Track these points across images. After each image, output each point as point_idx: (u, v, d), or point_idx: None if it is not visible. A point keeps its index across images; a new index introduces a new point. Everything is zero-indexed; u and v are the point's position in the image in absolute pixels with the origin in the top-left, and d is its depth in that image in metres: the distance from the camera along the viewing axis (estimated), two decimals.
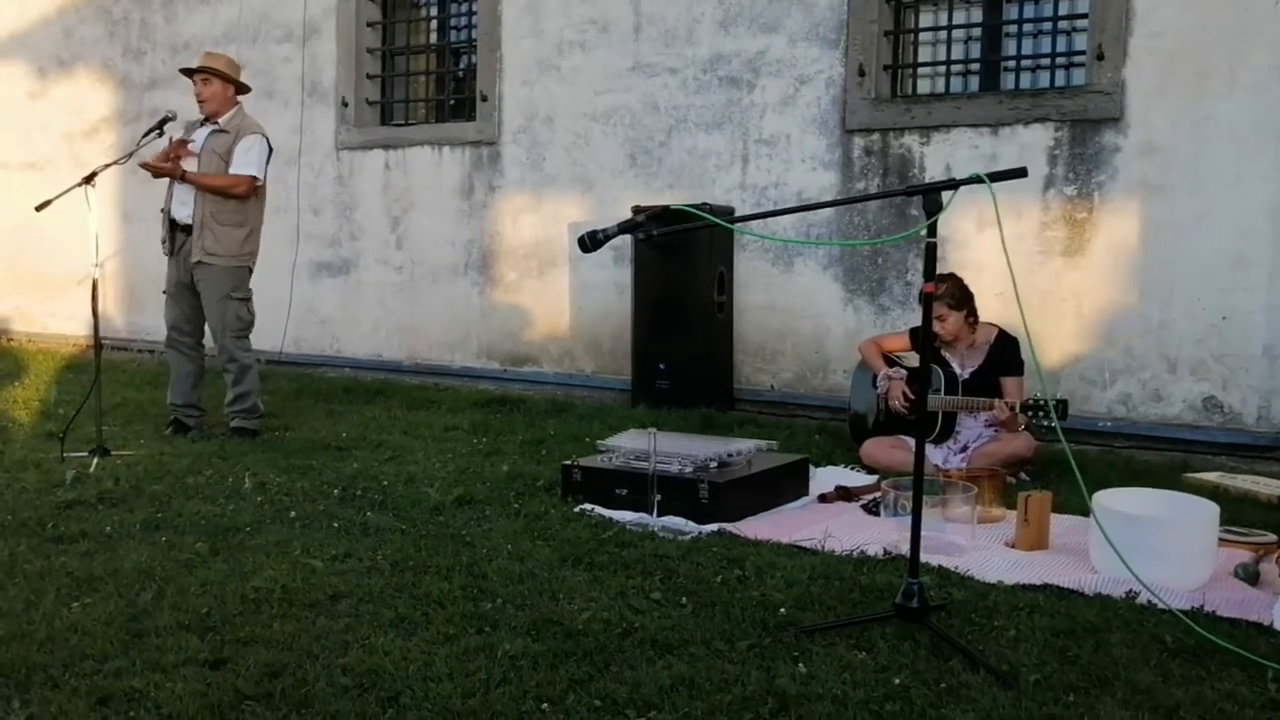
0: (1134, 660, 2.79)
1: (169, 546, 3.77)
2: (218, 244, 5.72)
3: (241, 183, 5.76)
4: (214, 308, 5.79)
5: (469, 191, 7.94)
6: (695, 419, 6.14)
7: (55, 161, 9.88)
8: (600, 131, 7.36)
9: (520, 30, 7.66)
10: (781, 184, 6.76)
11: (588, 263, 7.39)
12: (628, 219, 3.33)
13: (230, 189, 5.74)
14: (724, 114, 6.92)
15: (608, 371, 7.41)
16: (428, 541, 3.83)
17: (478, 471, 4.95)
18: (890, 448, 5.09)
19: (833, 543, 3.83)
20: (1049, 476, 4.88)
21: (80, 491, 4.51)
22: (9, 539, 3.84)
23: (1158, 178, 5.65)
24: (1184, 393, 5.67)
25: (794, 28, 6.68)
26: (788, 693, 2.58)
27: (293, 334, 8.49)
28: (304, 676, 2.69)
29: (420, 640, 2.92)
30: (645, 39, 7.18)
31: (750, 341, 6.91)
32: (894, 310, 6.42)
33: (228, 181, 5.74)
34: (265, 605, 3.18)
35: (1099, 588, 3.36)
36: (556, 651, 2.83)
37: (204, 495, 4.50)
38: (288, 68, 8.67)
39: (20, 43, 10.32)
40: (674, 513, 4.12)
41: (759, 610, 3.14)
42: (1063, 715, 2.50)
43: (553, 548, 3.76)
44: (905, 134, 6.38)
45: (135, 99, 9.59)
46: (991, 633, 3.00)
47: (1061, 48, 6.27)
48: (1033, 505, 3.87)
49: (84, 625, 3.01)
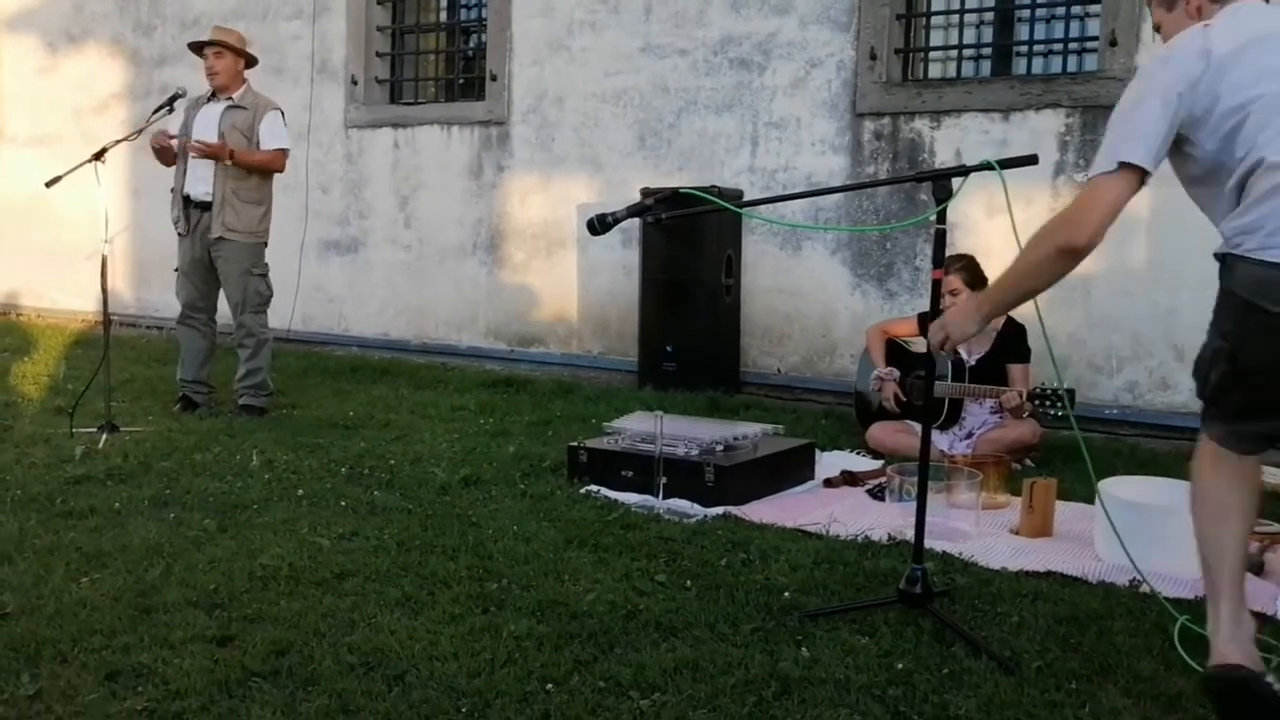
0: (1136, 648, 2.80)
1: (177, 523, 3.80)
2: (239, 220, 5.75)
3: (280, 158, 5.89)
4: (234, 283, 5.82)
5: (478, 171, 7.93)
6: (701, 402, 6.15)
7: (65, 137, 9.87)
8: (610, 113, 7.34)
9: (531, 9, 7.63)
10: (791, 167, 6.74)
11: (596, 244, 7.38)
12: (637, 202, 3.32)
13: (272, 164, 5.86)
14: (734, 96, 6.89)
15: (614, 353, 7.41)
16: (434, 521, 3.85)
17: (484, 452, 4.97)
18: (896, 433, 5.10)
19: (837, 527, 3.84)
20: (1054, 463, 4.88)
21: (89, 467, 4.54)
22: (18, 514, 3.86)
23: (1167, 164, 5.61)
24: (1191, 381, 5.64)
25: (805, 10, 6.64)
26: (791, 676, 2.59)
27: (301, 312, 8.50)
28: (310, 654, 2.71)
29: (426, 620, 2.94)
30: (656, 20, 7.15)
31: (757, 325, 6.91)
32: (902, 295, 6.41)
33: (269, 157, 5.84)
34: (272, 583, 3.20)
35: (1103, 575, 3.36)
36: (561, 633, 2.85)
37: (212, 472, 4.52)
38: (297, 45, 8.64)
39: (30, 17, 10.30)
40: (679, 495, 4.13)
41: (763, 594, 3.16)
42: (1064, 702, 2.51)
43: (558, 529, 3.77)
44: (916, 118, 6.35)
45: (145, 74, 9.57)
46: (995, 619, 3.01)
47: (1074, 33, 6.23)
48: (1038, 492, 3.87)
49: (92, 600, 3.03)
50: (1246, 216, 2.26)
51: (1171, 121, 2.38)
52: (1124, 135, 2.41)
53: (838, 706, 2.47)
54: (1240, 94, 2.32)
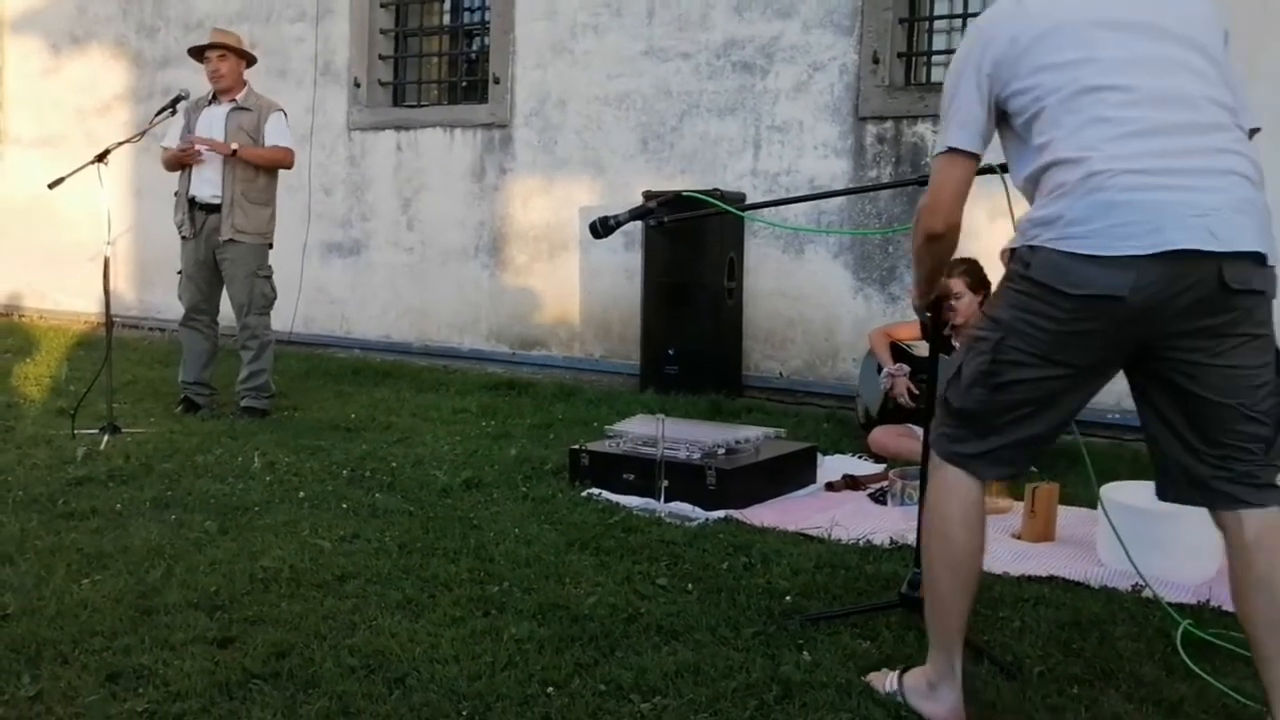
0: (1138, 653, 2.80)
1: (178, 525, 3.80)
2: (247, 221, 5.76)
3: (288, 155, 5.90)
4: (240, 285, 5.82)
5: (480, 174, 7.94)
6: (703, 405, 6.14)
7: (68, 138, 9.89)
8: (612, 116, 7.34)
9: (534, 13, 7.63)
10: (793, 170, 6.74)
11: (598, 247, 7.38)
12: (639, 205, 3.32)
13: (280, 161, 5.88)
14: (736, 100, 6.90)
15: (616, 356, 7.41)
16: (435, 524, 3.85)
17: (486, 454, 4.96)
18: (899, 437, 5.09)
19: (839, 531, 3.83)
20: (1057, 468, 4.87)
21: (91, 468, 4.54)
22: (20, 514, 3.86)
23: None
24: None
25: (808, 14, 6.65)
26: (792, 680, 2.59)
27: (303, 314, 8.50)
28: (311, 656, 2.70)
29: (427, 622, 2.93)
30: (659, 23, 7.15)
31: (760, 328, 6.90)
32: (904, 299, 6.40)
33: (277, 154, 5.86)
34: (273, 585, 3.20)
35: (1105, 580, 3.36)
36: (562, 636, 2.84)
37: (213, 474, 4.52)
38: (300, 47, 8.65)
39: (34, 18, 10.32)
40: (681, 499, 4.12)
41: (764, 598, 3.15)
42: (1066, 707, 2.50)
43: (560, 532, 3.77)
44: (918, 122, 6.35)
45: (148, 76, 9.59)
46: (996, 623, 3.00)
47: None
48: (1040, 497, 3.86)
49: (93, 602, 3.03)
50: (1043, 211, 2.22)
51: (985, 102, 2.34)
52: (948, 118, 2.39)
53: (839, 711, 2.46)
54: (1039, 83, 2.26)
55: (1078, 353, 2.23)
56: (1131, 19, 2.26)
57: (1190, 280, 2.11)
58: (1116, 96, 2.20)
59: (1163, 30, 2.25)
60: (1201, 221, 2.10)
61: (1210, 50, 2.27)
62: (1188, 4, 2.31)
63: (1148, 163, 2.15)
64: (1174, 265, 2.10)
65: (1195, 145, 2.18)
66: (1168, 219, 2.11)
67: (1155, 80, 2.21)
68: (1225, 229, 2.11)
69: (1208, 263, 2.10)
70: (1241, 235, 2.13)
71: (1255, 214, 2.18)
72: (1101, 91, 2.21)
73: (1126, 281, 2.11)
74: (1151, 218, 2.11)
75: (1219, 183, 2.16)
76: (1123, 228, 2.11)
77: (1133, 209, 2.12)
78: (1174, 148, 2.17)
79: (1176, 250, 2.09)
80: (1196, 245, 2.09)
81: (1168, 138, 2.17)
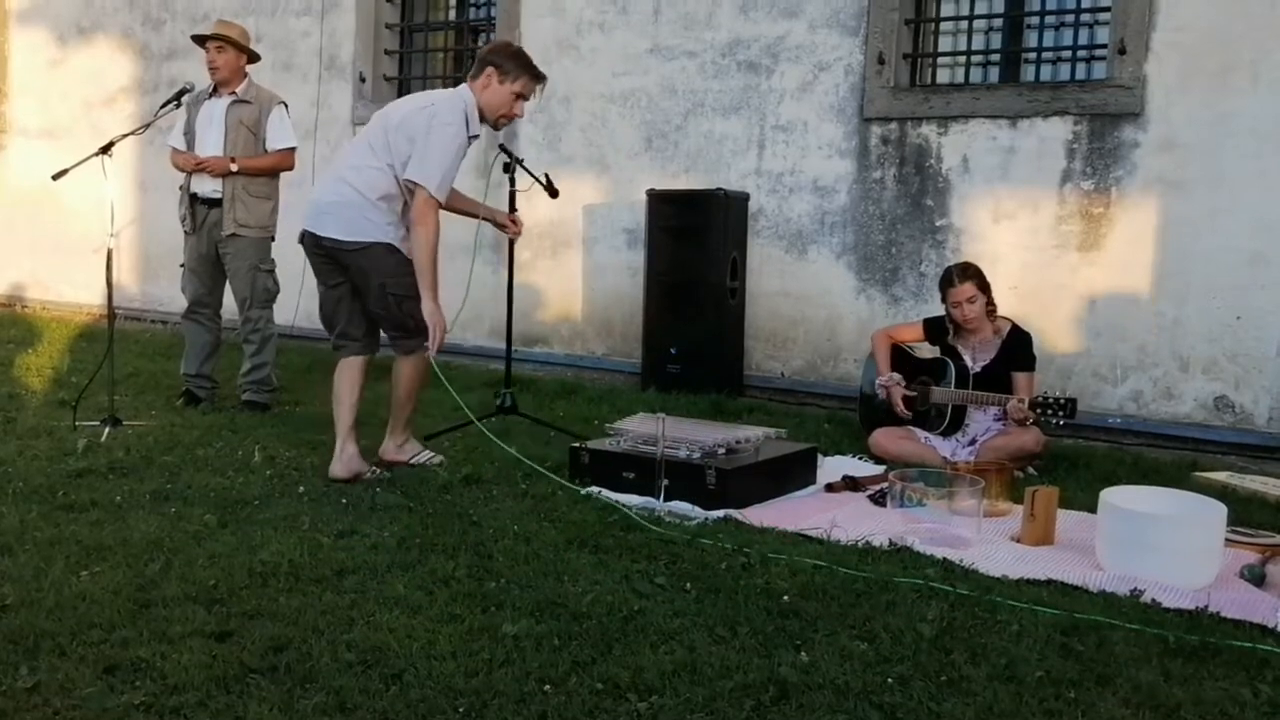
0: (1136, 658, 2.79)
1: (178, 518, 3.80)
2: (249, 215, 5.77)
3: (289, 157, 5.91)
4: (242, 278, 5.83)
5: (484, 170, 7.92)
6: (705, 404, 6.14)
7: (73, 130, 9.90)
8: (617, 113, 7.34)
9: (540, 9, 7.63)
10: (797, 170, 6.74)
11: (601, 245, 7.39)
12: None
13: (281, 165, 5.89)
14: (741, 99, 6.89)
15: (618, 354, 7.41)
16: (434, 520, 3.85)
17: (485, 451, 4.96)
18: (899, 439, 5.09)
19: (838, 532, 3.83)
20: (1057, 471, 4.87)
21: (91, 460, 4.54)
22: (20, 506, 3.86)
23: (1176, 174, 5.62)
24: (1195, 391, 5.65)
25: (814, 14, 6.64)
26: (789, 681, 2.59)
27: (305, 308, 8.48)
28: (309, 651, 2.70)
29: (425, 618, 2.93)
30: (664, 21, 7.15)
31: (762, 328, 6.90)
32: (907, 301, 6.41)
33: (277, 160, 5.88)
34: (272, 579, 3.20)
35: (1103, 584, 3.35)
36: (560, 634, 2.84)
37: (214, 467, 4.52)
38: (306, 41, 8.66)
39: (41, 10, 10.33)
40: (681, 498, 4.12)
41: (763, 598, 3.15)
42: (1063, 711, 2.50)
43: (559, 529, 3.77)
44: (923, 124, 6.34)
45: (154, 69, 9.60)
46: (994, 626, 3.00)
47: (1083, 40, 6.23)
48: (1040, 500, 3.86)
49: (92, 594, 3.03)
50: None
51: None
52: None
53: (835, 712, 2.46)
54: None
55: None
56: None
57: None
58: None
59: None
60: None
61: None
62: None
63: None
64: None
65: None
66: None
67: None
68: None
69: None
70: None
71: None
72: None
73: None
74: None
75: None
76: None
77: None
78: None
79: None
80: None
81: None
